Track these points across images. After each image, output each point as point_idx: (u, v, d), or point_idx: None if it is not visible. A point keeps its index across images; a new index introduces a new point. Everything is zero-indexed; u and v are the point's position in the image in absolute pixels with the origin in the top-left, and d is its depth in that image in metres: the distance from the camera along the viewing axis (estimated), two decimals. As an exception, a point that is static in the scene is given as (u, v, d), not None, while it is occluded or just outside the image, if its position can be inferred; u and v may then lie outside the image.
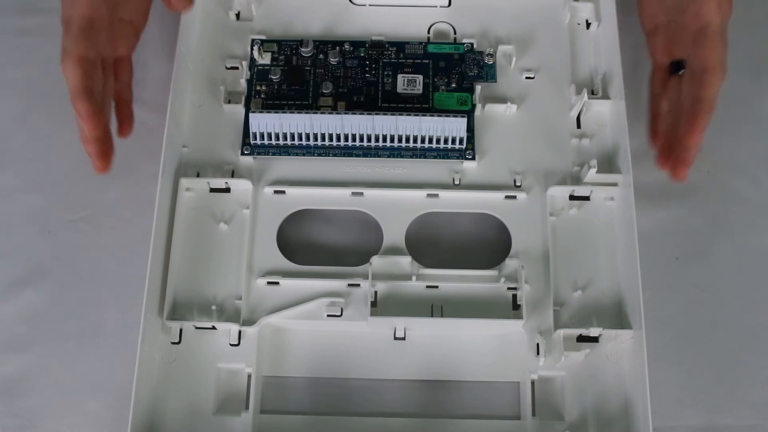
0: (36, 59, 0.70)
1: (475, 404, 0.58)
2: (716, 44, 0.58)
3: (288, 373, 0.59)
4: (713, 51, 0.58)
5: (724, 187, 0.66)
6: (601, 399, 0.57)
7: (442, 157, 0.62)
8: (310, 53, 0.65)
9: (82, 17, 0.58)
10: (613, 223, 0.61)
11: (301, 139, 0.62)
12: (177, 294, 0.59)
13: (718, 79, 0.57)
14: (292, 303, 0.59)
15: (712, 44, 0.58)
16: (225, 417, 0.57)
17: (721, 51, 0.58)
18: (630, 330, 0.57)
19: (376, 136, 0.62)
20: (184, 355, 0.58)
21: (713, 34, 0.58)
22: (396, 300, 0.59)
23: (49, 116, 0.68)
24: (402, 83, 0.64)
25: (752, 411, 0.60)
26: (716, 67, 0.57)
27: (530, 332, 0.58)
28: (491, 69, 0.65)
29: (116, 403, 0.55)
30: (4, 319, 0.62)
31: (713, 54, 0.58)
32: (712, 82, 0.57)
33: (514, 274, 0.59)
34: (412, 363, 0.59)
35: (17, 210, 0.65)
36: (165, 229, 0.59)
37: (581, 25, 0.68)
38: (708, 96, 0.57)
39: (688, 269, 0.64)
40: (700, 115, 0.57)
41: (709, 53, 0.58)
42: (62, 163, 0.66)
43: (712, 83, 0.57)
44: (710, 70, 0.57)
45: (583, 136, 0.64)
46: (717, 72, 0.57)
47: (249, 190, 0.61)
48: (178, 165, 0.62)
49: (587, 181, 0.61)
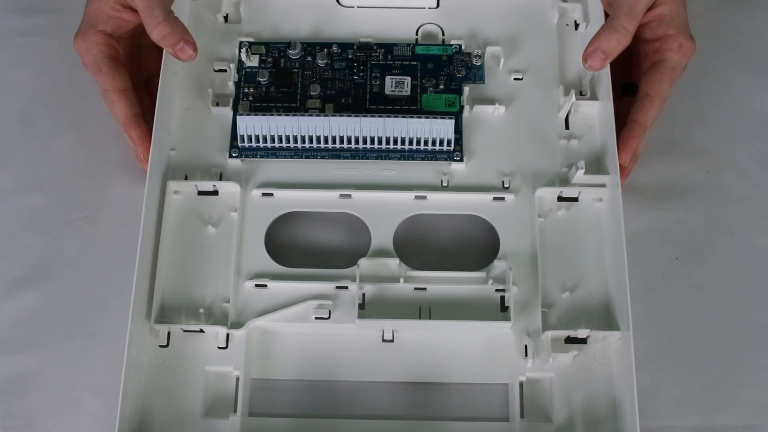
0: (36, 59, 0.70)
1: (464, 406, 0.58)
2: (664, 79, 0.62)
3: (276, 375, 0.59)
4: (660, 83, 0.62)
5: (723, 187, 0.66)
6: (590, 400, 0.57)
7: (430, 159, 0.62)
8: (298, 55, 0.65)
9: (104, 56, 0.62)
10: (601, 224, 0.61)
11: (289, 142, 0.62)
12: (165, 297, 0.59)
13: (656, 108, 0.61)
14: (280, 305, 0.59)
15: (660, 78, 0.62)
16: (213, 420, 0.57)
17: (666, 86, 0.62)
18: (618, 331, 0.57)
19: (364, 138, 0.62)
20: (171, 358, 0.58)
21: (665, 69, 0.62)
22: (384, 302, 0.59)
23: (49, 116, 0.68)
24: (390, 85, 0.64)
25: (752, 411, 0.59)
26: (656, 97, 0.61)
27: (518, 334, 0.58)
28: (479, 70, 0.65)
29: (116, 403, 0.55)
30: (4, 319, 0.62)
31: (659, 86, 0.62)
32: (649, 108, 0.61)
33: (502, 275, 0.59)
34: (400, 365, 0.59)
35: (17, 210, 0.65)
36: (153, 232, 0.59)
37: (570, 26, 0.67)
38: (643, 120, 0.61)
39: (688, 269, 0.63)
40: (632, 136, 0.61)
41: (656, 84, 0.62)
42: (62, 163, 0.67)
43: (649, 109, 0.61)
44: (651, 98, 0.61)
45: (571, 137, 0.63)
46: (656, 101, 0.61)
47: (237, 193, 0.61)
48: (165, 168, 0.62)
49: (575, 182, 0.61)
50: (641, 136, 0.61)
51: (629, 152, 0.61)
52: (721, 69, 0.70)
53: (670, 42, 0.62)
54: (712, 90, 0.69)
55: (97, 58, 0.62)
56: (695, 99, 0.68)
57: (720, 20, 0.71)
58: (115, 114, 0.62)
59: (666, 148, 0.66)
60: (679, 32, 0.62)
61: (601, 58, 0.60)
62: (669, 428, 0.59)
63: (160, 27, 0.60)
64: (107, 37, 0.63)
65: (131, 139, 0.62)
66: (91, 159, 0.66)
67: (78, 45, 0.63)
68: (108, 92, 0.62)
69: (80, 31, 0.63)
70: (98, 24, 0.62)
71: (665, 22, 0.62)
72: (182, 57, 0.61)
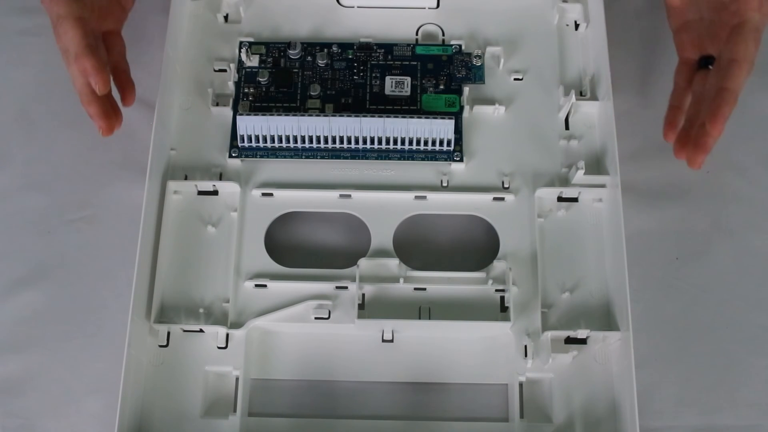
0: (36, 59, 0.70)
1: (463, 406, 0.58)
2: (749, 40, 0.59)
3: (276, 375, 0.59)
4: (745, 46, 0.59)
5: (723, 186, 0.66)
6: (589, 401, 0.57)
7: (430, 159, 0.62)
8: (298, 55, 0.65)
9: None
10: (601, 224, 0.61)
11: (289, 142, 0.62)
12: (164, 297, 0.59)
13: (745, 72, 0.58)
14: (279, 306, 0.59)
15: (745, 40, 0.59)
16: (213, 420, 0.57)
17: (752, 47, 0.59)
18: (618, 332, 0.57)
19: (364, 138, 0.62)
20: (171, 358, 0.58)
21: (748, 30, 0.59)
22: (384, 302, 0.59)
23: (49, 116, 0.68)
24: (390, 85, 0.64)
25: (752, 411, 0.60)
26: (744, 61, 0.58)
27: (518, 334, 0.58)
28: (479, 70, 0.65)
29: (116, 402, 0.55)
30: (4, 319, 0.62)
31: (744, 48, 0.59)
32: (738, 74, 0.58)
33: (502, 276, 0.59)
34: (399, 365, 0.59)
35: (17, 210, 0.65)
36: (153, 232, 0.59)
37: (570, 26, 0.67)
38: (733, 87, 0.58)
39: (688, 269, 0.63)
40: (723, 104, 0.57)
41: (741, 47, 0.59)
42: (62, 163, 0.66)
43: (738, 75, 0.58)
44: (738, 63, 0.58)
45: (571, 138, 0.63)
46: (744, 66, 0.58)
47: (237, 193, 0.62)
48: (165, 168, 0.62)
49: (575, 182, 0.61)
50: (734, 104, 0.58)
51: (721, 122, 0.57)
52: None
53: (750, 2, 0.60)
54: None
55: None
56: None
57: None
58: (67, 43, 0.58)
59: (666, 148, 0.66)
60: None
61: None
62: (669, 428, 0.59)
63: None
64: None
65: (84, 69, 0.58)
66: (91, 159, 0.66)
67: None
68: (61, 19, 0.58)
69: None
70: None
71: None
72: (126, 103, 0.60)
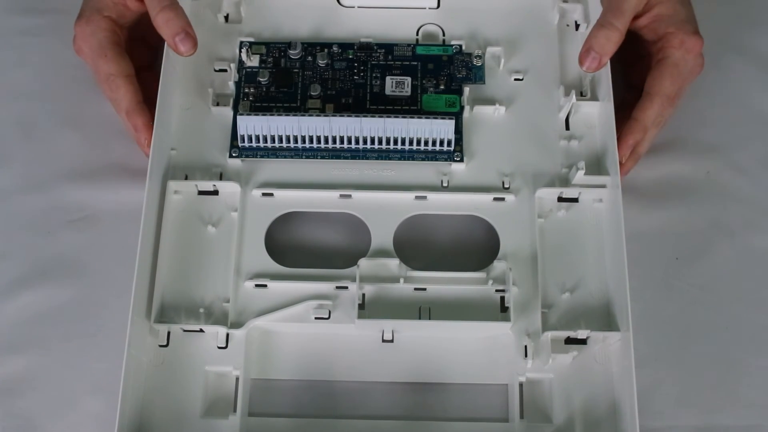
0: (36, 59, 0.70)
1: (463, 407, 0.58)
2: (665, 75, 0.62)
3: (276, 375, 0.59)
4: (660, 81, 0.61)
5: (723, 187, 0.66)
6: (589, 401, 0.57)
7: (430, 159, 0.62)
8: (298, 55, 0.65)
9: (110, 42, 0.62)
10: (601, 225, 0.61)
11: (290, 142, 0.62)
12: (165, 297, 0.59)
13: (656, 106, 0.61)
14: (279, 305, 0.59)
15: (662, 75, 0.61)
16: (213, 420, 0.57)
17: (668, 82, 0.61)
18: (618, 332, 0.57)
19: (364, 139, 0.62)
20: (171, 358, 0.58)
21: (666, 66, 0.62)
22: (384, 302, 0.59)
23: (49, 116, 0.68)
24: (390, 85, 0.64)
25: (752, 411, 0.60)
26: (656, 94, 0.61)
27: (518, 334, 0.58)
28: (480, 71, 0.65)
29: (116, 403, 0.55)
30: (4, 319, 0.62)
31: (659, 83, 0.61)
32: (647, 106, 0.61)
33: (502, 276, 0.59)
34: (399, 365, 0.59)
35: (17, 210, 0.65)
36: (153, 231, 0.59)
37: (570, 27, 0.67)
38: (641, 117, 0.61)
39: (688, 269, 0.63)
40: (627, 132, 0.61)
41: (656, 82, 0.62)
42: (62, 163, 0.66)
43: (647, 107, 0.61)
44: (650, 96, 0.61)
45: (571, 138, 0.63)
46: (655, 99, 0.61)
47: (237, 193, 0.61)
48: (166, 168, 0.62)
49: (576, 182, 0.61)
50: (638, 133, 0.61)
51: (625, 148, 0.61)
52: (722, 69, 0.70)
53: (671, 39, 0.62)
54: (713, 90, 0.69)
55: (103, 43, 0.62)
56: (695, 99, 0.68)
57: (720, 20, 0.71)
58: (119, 100, 0.62)
59: (666, 148, 0.66)
60: (679, 29, 0.62)
61: (594, 57, 0.60)
62: (669, 428, 0.59)
63: (165, 12, 0.60)
64: (112, 23, 0.62)
65: (135, 126, 0.61)
66: (91, 159, 0.66)
67: (81, 29, 0.62)
68: (113, 77, 0.61)
69: (83, 15, 0.63)
70: (104, 10, 0.62)
71: (664, 21, 0.62)
72: (181, 49, 0.61)
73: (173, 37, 0.60)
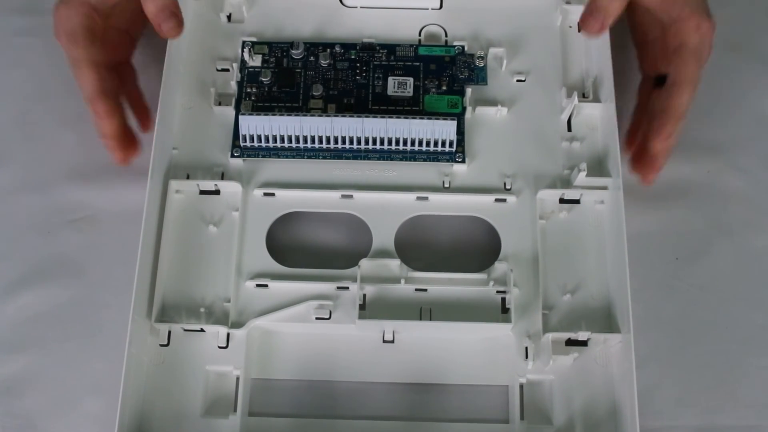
0: (36, 59, 0.70)
1: (464, 408, 0.58)
2: (688, 62, 0.60)
3: (276, 375, 0.59)
4: (684, 68, 0.60)
5: (723, 186, 0.66)
6: (590, 403, 0.57)
7: (431, 160, 0.62)
8: (300, 55, 0.65)
9: (84, 27, 0.60)
10: (602, 226, 0.61)
11: (291, 142, 0.62)
12: (165, 296, 0.59)
13: (686, 93, 0.60)
14: (280, 305, 0.59)
15: (685, 62, 0.60)
16: (213, 419, 0.57)
17: (692, 68, 0.60)
18: (619, 334, 0.57)
19: (366, 139, 0.62)
20: (172, 357, 0.58)
21: (686, 52, 0.60)
22: (385, 303, 0.59)
23: (49, 116, 0.68)
24: (392, 86, 0.64)
25: (752, 411, 0.60)
26: (684, 82, 0.60)
27: (519, 336, 0.58)
28: (482, 72, 0.65)
29: (116, 402, 0.55)
30: (4, 319, 0.62)
31: (684, 70, 0.60)
32: (679, 93, 0.60)
33: (503, 277, 0.59)
34: (400, 366, 0.59)
35: (17, 210, 0.65)
36: (154, 231, 0.59)
37: (573, 28, 0.67)
38: (674, 105, 0.60)
39: (688, 269, 0.63)
40: (665, 123, 0.60)
41: (681, 69, 0.60)
42: (62, 163, 0.66)
43: (678, 95, 0.60)
44: (678, 85, 0.60)
45: (573, 139, 0.63)
46: (684, 87, 0.60)
47: (238, 193, 0.61)
48: (167, 167, 0.62)
49: (577, 184, 0.61)
50: (675, 122, 0.60)
51: (664, 140, 0.60)
52: (722, 69, 0.70)
53: (686, 23, 0.60)
54: (713, 90, 0.69)
55: (76, 28, 0.60)
56: (695, 99, 0.68)
57: (720, 20, 0.71)
58: (83, 86, 0.60)
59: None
60: (693, 12, 0.61)
61: (597, 17, 0.60)
62: (669, 428, 0.59)
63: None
64: (90, 9, 0.61)
65: (96, 112, 0.60)
66: (91, 159, 0.66)
67: (60, 12, 0.61)
68: (79, 62, 0.60)
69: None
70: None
71: (678, 3, 0.61)
72: (163, 28, 0.59)
73: (157, 14, 0.59)
